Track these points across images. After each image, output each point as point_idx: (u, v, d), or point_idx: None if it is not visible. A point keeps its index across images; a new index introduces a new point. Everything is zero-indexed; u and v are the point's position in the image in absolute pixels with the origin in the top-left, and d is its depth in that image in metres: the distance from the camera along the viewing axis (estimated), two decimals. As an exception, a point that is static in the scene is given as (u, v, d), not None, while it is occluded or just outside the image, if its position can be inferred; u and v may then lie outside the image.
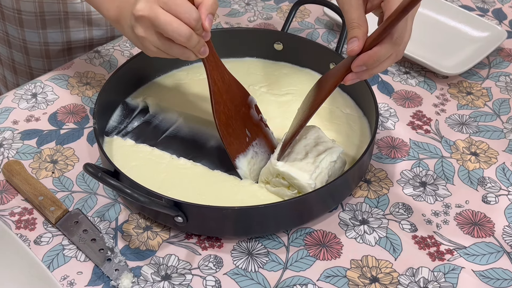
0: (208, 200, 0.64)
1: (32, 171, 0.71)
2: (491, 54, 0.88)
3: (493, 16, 0.97)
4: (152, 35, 0.59)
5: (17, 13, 0.90)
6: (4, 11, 0.91)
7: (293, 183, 0.64)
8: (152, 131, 0.75)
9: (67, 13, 0.90)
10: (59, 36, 0.93)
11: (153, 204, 0.59)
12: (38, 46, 0.93)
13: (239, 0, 1.00)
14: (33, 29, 0.91)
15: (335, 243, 0.64)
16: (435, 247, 0.64)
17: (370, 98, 0.73)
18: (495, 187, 0.70)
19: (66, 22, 0.91)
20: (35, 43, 0.93)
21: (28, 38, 0.92)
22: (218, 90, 0.67)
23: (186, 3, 0.57)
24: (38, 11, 0.90)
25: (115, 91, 0.75)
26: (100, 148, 0.66)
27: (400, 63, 0.87)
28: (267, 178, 0.67)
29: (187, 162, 0.70)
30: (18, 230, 0.65)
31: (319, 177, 0.64)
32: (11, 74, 1.00)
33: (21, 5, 0.89)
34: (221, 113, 0.67)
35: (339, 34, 0.80)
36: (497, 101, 0.82)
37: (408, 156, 0.74)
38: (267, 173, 0.66)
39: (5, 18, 0.92)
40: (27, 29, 0.91)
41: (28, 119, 0.78)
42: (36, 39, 0.92)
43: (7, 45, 0.96)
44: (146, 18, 0.58)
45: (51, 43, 0.93)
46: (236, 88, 0.70)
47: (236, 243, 0.64)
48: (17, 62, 0.97)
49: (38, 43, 0.93)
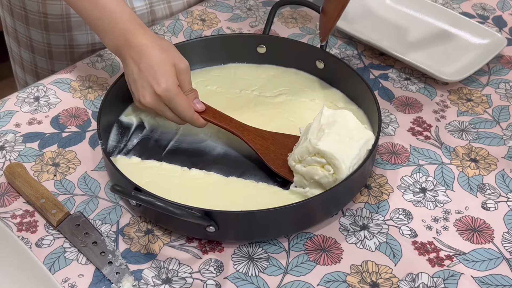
0: (235, 207, 0.64)
1: (34, 174, 0.72)
2: (491, 61, 0.89)
3: (493, 24, 0.98)
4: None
5: (42, 17, 0.90)
6: (29, 15, 0.91)
7: (332, 163, 0.64)
8: (154, 146, 0.75)
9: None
10: (84, 38, 0.93)
11: (188, 216, 0.59)
12: (63, 49, 0.94)
13: (241, 6, 1.01)
14: (58, 32, 0.92)
15: (336, 248, 0.65)
16: (434, 253, 0.64)
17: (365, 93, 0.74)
18: (494, 193, 0.71)
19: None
20: (60, 46, 0.94)
21: (53, 42, 0.93)
22: (261, 147, 0.71)
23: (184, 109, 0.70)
24: (65, 13, 0.90)
25: (109, 111, 0.74)
26: (116, 169, 0.65)
27: (400, 69, 0.88)
28: (301, 157, 0.66)
29: (200, 172, 0.70)
30: (20, 233, 0.66)
31: (356, 164, 0.66)
32: (33, 80, 1.00)
33: (48, 8, 0.89)
34: (271, 158, 0.71)
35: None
36: (497, 108, 0.82)
37: (408, 162, 0.74)
38: (304, 152, 0.66)
39: (30, 23, 0.93)
40: (52, 32, 0.92)
41: (31, 122, 0.78)
42: (61, 42, 0.93)
43: (30, 49, 0.97)
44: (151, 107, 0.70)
45: (75, 45, 0.94)
46: (282, 138, 0.73)
47: (236, 247, 0.65)
48: (40, 67, 0.98)
49: (64, 46, 0.94)
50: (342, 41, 0.93)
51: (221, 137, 0.75)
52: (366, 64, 0.89)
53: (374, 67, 0.89)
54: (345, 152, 0.65)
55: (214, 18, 0.98)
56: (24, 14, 0.92)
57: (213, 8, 1.00)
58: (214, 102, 0.80)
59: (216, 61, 0.86)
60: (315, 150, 0.65)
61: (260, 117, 0.78)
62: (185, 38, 0.94)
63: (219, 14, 0.99)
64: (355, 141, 0.66)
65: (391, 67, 0.89)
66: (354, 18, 0.96)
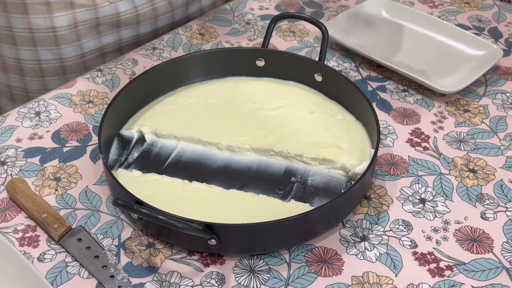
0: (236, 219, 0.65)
1: (36, 189, 0.72)
2: (488, 72, 0.90)
3: (489, 35, 0.99)
4: None
5: (51, 32, 0.90)
6: (36, 34, 0.91)
7: None
8: (155, 159, 0.75)
9: (98, 18, 0.92)
10: (92, 44, 0.94)
11: (190, 229, 0.59)
12: (75, 60, 0.95)
13: (239, 20, 1.02)
14: (69, 43, 0.92)
15: (336, 259, 0.65)
16: (435, 263, 0.65)
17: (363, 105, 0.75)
18: (493, 203, 0.71)
19: (97, 28, 0.93)
20: (72, 58, 0.94)
21: (64, 55, 0.93)
22: None
23: None
24: (73, 22, 0.91)
25: (110, 125, 0.74)
26: (117, 182, 0.65)
27: (398, 81, 0.89)
28: None
29: (201, 185, 0.71)
30: (22, 247, 0.66)
31: None
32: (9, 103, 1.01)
33: (55, 21, 0.89)
34: None
35: (321, 44, 0.82)
36: (494, 119, 0.83)
37: (407, 173, 0.75)
38: None
39: (37, 43, 0.92)
40: (62, 45, 0.92)
41: (32, 137, 0.79)
42: (72, 54, 0.94)
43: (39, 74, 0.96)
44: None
45: (87, 53, 0.95)
46: None
47: (238, 260, 0.65)
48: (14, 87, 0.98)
49: (75, 57, 0.94)
50: (339, 54, 0.94)
51: (222, 149, 0.76)
52: (364, 76, 0.90)
53: (372, 79, 0.89)
54: None
55: (213, 32, 0.99)
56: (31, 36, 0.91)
57: (212, 23, 1.01)
58: (214, 115, 0.81)
59: (216, 75, 0.86)
60: None
61: (260, 130, 0.78)
62: (184, 52, 0.94)
63: (218, 28, 1.00)
64: None
65: (388, 79, 0.89)
66: (351, 31, 0.97)
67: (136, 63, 0.92)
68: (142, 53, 0.94)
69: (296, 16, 0.88)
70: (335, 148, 0.75)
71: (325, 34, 0.82)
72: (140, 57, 0.93)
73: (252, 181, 0.72)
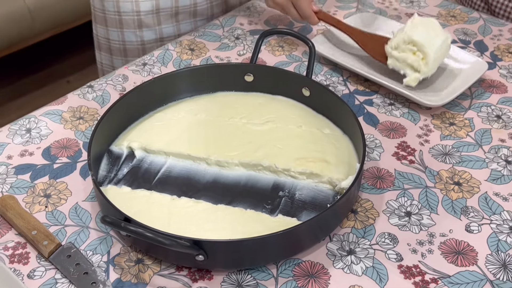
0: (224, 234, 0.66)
1: (26, 206, 0.73)
2: (473, 85, 0.91)
3: (474, 48, 1.00)
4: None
5: (136, 15, 1.02)
6: (123, 17, 1.03)
7: (422, 50, 0.85)
8: (144, 175, 0.76)
9: (178, 7, 1.04)
10: (171, 30, 1.06)
11: (177, 245, 0.60)
12: (155, 43, 1.06)
13: (229, 35, 1.03)
14: (150, 27, 1.04)
15: (323, 273, 0.66)
16: (420, 276, 0.65)
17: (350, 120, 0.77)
18: (477, 216, 0.72)
19: (176, 17, 1.05)
20: (152, 40, 1.06)
21: (146, 38, 1.05)
22: (362, 40, 0.93)
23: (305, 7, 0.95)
24: (155, 9, 1.03)
25: (99, 141, 0.75)
26: (106, 199, 0.66)
27: (385, 94, 0.90)
28: (397, 45, 0.87)
29: (189, 201, 0.72)
30: (12, 265, 0.67)
31: (439, 53, 0.86)
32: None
33: (140, 6, 1.02)
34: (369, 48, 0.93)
35: (308, 59, 0.83)
36: (479, 132, 0.84)
37: (393, 187, 0.76)
38: (400, 41, 0.87)
39: (124, 25, 1.04)
40: (145, 28, 1.04)
41: (22, 154, 0.80)
42: (153, 37, 1.05)
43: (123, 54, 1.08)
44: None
45: (165, 38, 1.07)
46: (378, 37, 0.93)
47: (226, 275, 0.66)
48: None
49: (155, 40, 1.06)
50: (328, 68, 0.96)
51: (211, 164, 0.77)
52: (351, 90, 0.91)
53: (359, 93, 0.91)
54: (431, 42, 0.85)
55: (202, 48, 1.00)
56: (119, 18, 1.03)
57: (202, 38, 1.02)
58: (203, 130, 0.82)
59: (205, 90, 0.88)
60: (410, 40, 0.86)
61: (248, 145, 0.79)
62: (174, 67, 0.96)
63: (208, 43, 1.01)
64: (439, 37, 0.87)
65: (375, 92, 0.91)
66: (339, 45, 0.98)
67: (126, 79, 0.93)
68: (132, 69, 0.95)
69: (284, 32, 0.90)
70: (322, 162, 0.76)
71: (312, 50, 0.84)
72: (130, 73, 0.94)
73: (241, 196, 0.73)
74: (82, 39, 2.29)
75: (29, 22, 2.14)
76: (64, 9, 2.22)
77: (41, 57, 2.45)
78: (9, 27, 2.10)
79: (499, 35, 1.03)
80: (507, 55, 0.98)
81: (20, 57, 2.37)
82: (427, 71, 0.87)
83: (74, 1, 2.24)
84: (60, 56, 2.45)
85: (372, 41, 0.93)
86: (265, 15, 1.09)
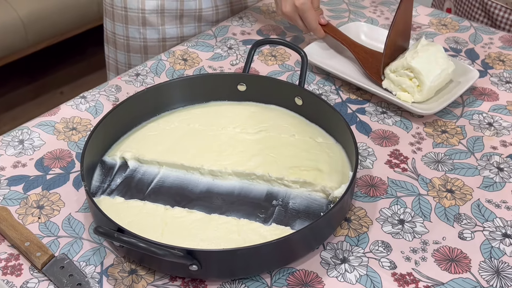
0: (217, 244, 0.66)
1: (19, 217, 0.73)
2: (465, 93, 0.92)
3: (465, 56, 1.01)
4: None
5: (141, 13, 1.05)
6: (129, 13, 1.06)
7: (419, 78, 0.86)
8: (137, 185, 0.76)
9: (183, 10, 1.07)
10: (174, 31, 1.08)
11: (171, 255, 0.60)
12: (157, 43, 1.09)
13: (222, 45, 1.04)
14: (154, 26, 1.07)
15: (317, 282, 0.66)
16: (413, 284, 0.66)
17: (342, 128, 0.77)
18: (470, 223, 0.72)
19: (181, 19, 1.07)
20: (154, 39, 1.08)
21: (148, 36, 1.08)
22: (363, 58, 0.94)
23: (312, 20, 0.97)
24: (160, 9, 1.05)
25: (92, 151, 0.75)
26: (99, 210, 0.66)
27: (377, 103, 0.91)
28: (396, 69, 0.88)
29: (183, 211, 0.72)
30: (5, 276, 0.66)
31: (437, 82, 0.86)
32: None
33: (146, 4, 1.04)
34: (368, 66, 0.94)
35: (300, 70, 0.84)
36: (471, 139, 0.85)
37: (386, 195, 0.76)
38: (399, 65, 0.87)
39: (129, 21, 1.07)
40: (148, 26, 1.06)
41: (15, 165, 0.80)
42: (155, 36, 1.07)
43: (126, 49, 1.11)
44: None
45: (168, 39, 1.09)
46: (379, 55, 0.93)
47: (220, 285, 0.66)
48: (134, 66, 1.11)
49: (158, 39, 1.08)
50: (320, 77, 0.96)
51: (204, 174, 0.77)
52: (343, 99, 0.92)
53: (352, 102, 0.91)
54: (430, 71, 0.86)
55: (195, 58, 1.01)
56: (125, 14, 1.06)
57: (195, 48, 1.03)
58: (197, 140, 0.82)
59: (198, 100, 0.88)
60: (408, 66, 0.86)
61: (241, 154, 0.79)
62: (167, 78, 0.96)
63: (200, 53, 1.01)
64: (439, 66, 0.87)
65: (368, 101, 0.91)
66: (331, 55, 0.99)
67: (119, 89, 0.93)
68: (125, 79, 0.95)
69: (276, 42, 0.90)
70: (315, 170, 0.76)
71: (304, 59, 0.84)
72: (123, 83, 0.94)
73: (234, 205, 0.73)
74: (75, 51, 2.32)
75: (22, 33, 2.15)
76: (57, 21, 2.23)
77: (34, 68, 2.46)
78: (2, 39, 2.11)
79: (489, 43, 1.04)
80: (498, 63, 0.99)
81: (13, 69, 2.37)
82: (420, 98, 0.86)
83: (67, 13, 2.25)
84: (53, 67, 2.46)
85: (372, 58, 0.94)
86: (258, 25, 1.10)
